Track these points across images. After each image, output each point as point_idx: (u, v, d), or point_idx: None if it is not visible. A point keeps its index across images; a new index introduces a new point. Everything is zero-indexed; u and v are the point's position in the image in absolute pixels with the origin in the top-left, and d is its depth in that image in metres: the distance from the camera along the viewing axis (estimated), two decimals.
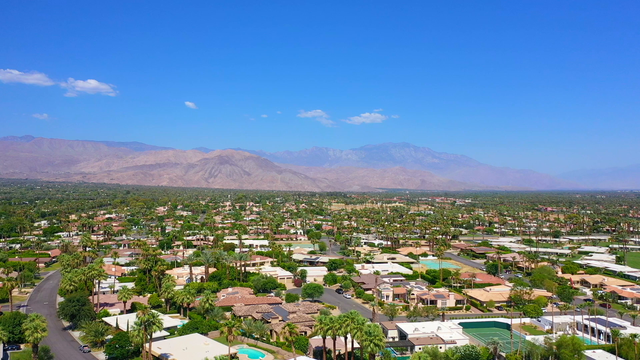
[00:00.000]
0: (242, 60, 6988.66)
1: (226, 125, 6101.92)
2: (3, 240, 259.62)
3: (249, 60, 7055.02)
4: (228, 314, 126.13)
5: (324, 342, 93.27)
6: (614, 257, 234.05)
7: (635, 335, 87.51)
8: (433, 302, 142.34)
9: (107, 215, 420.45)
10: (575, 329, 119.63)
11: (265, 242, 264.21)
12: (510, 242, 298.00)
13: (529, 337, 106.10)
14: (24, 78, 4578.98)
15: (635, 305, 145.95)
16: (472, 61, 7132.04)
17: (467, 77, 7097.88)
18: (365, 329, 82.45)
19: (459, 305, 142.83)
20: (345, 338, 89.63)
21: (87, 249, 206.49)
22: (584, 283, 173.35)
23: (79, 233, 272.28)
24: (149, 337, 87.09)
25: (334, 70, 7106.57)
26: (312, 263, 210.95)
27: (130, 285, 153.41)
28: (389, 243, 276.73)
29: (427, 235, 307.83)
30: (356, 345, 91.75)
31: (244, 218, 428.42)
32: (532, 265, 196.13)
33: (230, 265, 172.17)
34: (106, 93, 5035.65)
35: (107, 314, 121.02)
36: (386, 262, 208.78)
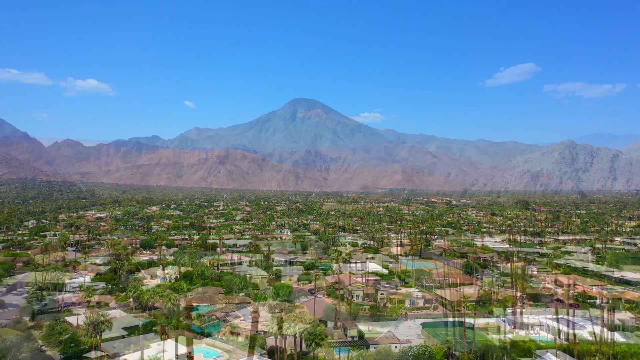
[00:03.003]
0: (242, 60, 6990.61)
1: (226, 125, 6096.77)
2: None
3: (249, 60, 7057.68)
4: (193, 314, 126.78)
5: (276, 341, 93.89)
6: (595, 257, 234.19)
7: (574, 335, 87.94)
8: (401, 301, 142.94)
9: (97, 215, 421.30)
10: (538, 328, 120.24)
11: (249, 242, 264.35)
12: (495, 242, 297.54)
13: (489, 337, 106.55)
14: (24, 77, 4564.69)
15: (603, 305, 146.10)
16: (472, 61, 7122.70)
17: (467, 77, 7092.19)
18: (309, 328, 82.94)
19: (426, 305, 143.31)
20: (295, 337, 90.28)
21: (66, 248, 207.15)
22: (557, 282, 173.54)
23: (64, 232, 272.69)
24: (98, 336, 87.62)
25: (333, 70, 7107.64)
26: (290, 263, 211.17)
27: (102, 284, 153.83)
28: (373, 242, 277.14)
29: (411, 235, 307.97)
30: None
31: (234, 218, 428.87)
32: (509, 265, 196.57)
33: (205, 264, 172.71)
34: (106, 92, 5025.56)
35: (71, 313, 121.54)
36: (364, 262, 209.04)
